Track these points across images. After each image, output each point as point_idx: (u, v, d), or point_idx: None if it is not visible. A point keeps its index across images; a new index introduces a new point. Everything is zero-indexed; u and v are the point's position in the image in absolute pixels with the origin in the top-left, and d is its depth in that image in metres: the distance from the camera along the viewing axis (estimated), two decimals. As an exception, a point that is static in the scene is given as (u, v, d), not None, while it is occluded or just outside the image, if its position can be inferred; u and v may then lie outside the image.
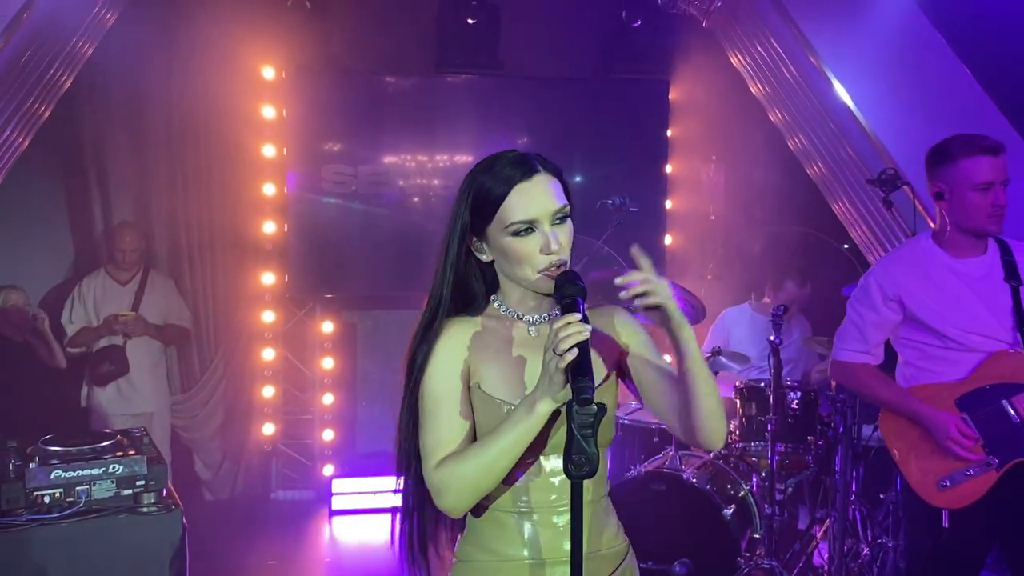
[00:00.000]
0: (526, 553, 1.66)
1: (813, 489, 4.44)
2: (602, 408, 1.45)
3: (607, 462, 1.78)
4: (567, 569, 1.54)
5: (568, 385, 1.48)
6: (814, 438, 4.07)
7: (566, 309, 1.52)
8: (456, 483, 1.59)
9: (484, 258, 1.72)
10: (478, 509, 1.70)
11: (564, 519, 1.66)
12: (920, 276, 2.81)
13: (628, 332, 1.78)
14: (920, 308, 2.78)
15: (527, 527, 1.67)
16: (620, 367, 1.78)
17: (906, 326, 2.86)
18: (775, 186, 5.63)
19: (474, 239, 1.72)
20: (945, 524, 2.73)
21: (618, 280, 1.53)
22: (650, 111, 5.94)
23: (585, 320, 1.50)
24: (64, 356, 4.73)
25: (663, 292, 1.54)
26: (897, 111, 4.38)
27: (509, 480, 1.65)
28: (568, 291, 1.56)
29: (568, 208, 1.67)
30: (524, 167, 1.65)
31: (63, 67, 4.58)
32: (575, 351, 1.45)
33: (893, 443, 2.87)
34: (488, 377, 1.66)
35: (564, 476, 1.48)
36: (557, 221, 1.64)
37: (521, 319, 1.73)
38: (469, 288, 1.76)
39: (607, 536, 1.73)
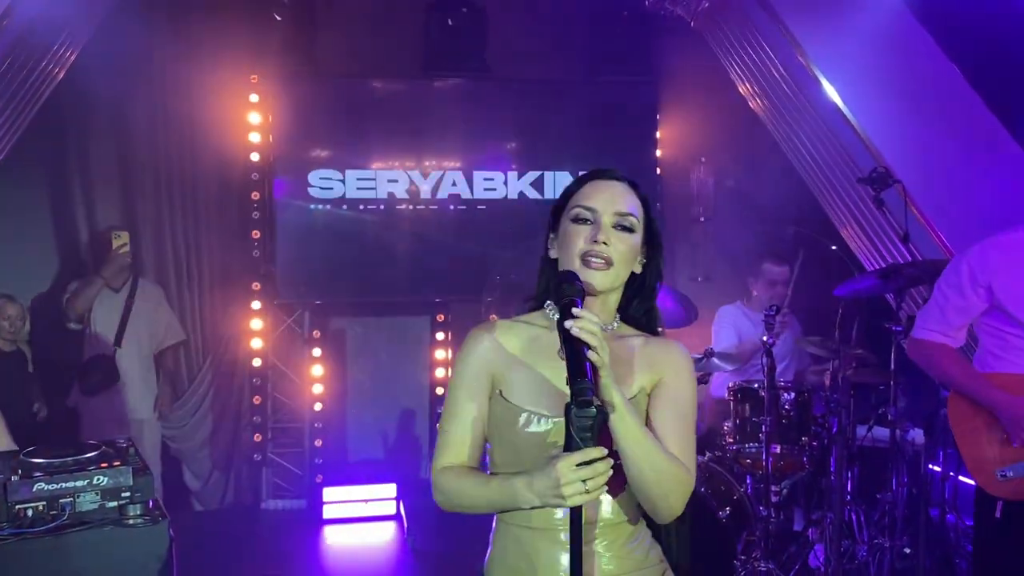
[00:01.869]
0: (535, 571, 1.65)
1: (808, 490, 4.43)
2: (601, 410, 1.42)
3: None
4: None
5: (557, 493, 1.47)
6: (808, 439, 4.05)
7: (564, 310, 1.50)
8: (448, 496, 1.71)
9: (552, 254, 1.75)
10: (497, 521, 1.74)
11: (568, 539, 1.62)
12: (1014, 265, 2.76)
13: (673, 372, 1.71)
14: (1008, 298, 2.75)
15: (538, 544, 1.66)
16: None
17: (991, 313, 2.83)
18: (765, 187, 5.62)
19: (551, 235, 1.77)
20: (997, 515, 2.72)
21: (574, 310, 1.49)
22: (639, 113, 5.92)
23: (570, 319, 1.48)
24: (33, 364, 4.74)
25: (600, 347, 1.47)
26: (887, 110, 4.38)
27: None
28: (567, 291, 1.55)
29: (634, 219, 1.68)
30: (606, 172, 1.74)
31: (43, 75, 4.53)
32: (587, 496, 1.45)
33: (956, 426, 2.85)
34: (514, 384, 1.67)
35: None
36: (619, 227, 1.67)
37: None
38: (537, 284, 1.80)
39: (633, 561, 1.69)
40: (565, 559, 1.60)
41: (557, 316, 1.57)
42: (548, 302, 1.75)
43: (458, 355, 1.75)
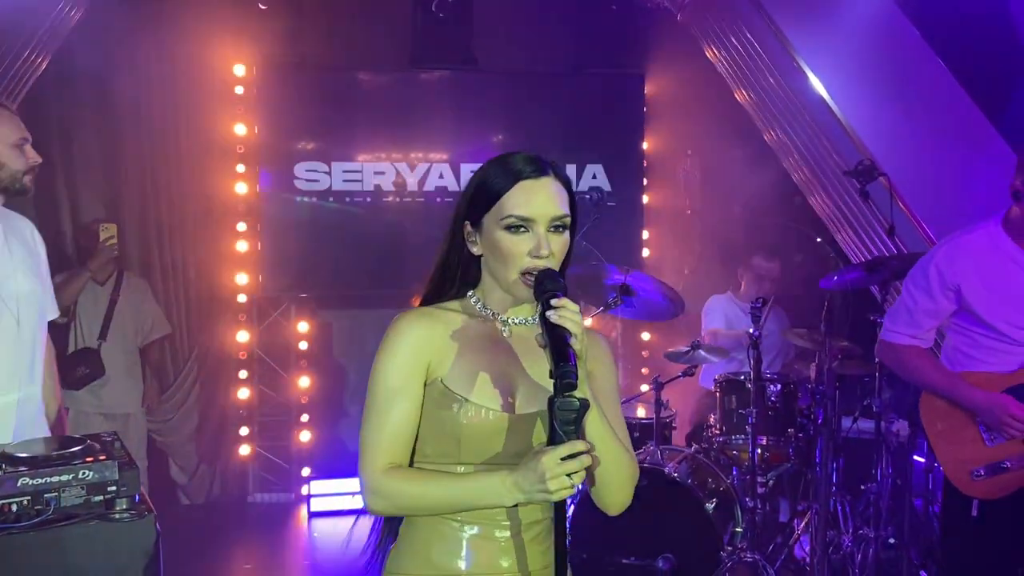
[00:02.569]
0: (463, 567, 1.61)
1: (794, 482, 4.45)
2: (584, 402, 1.41)
3: None
4: None
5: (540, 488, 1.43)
6: (794, 430, 4.07)
7: (546, 304, 1.48)
8: (395, 500, 1.59)
9: (475, 250, 1.67)
10: (414, 517, 1.65)
11: (506, 534, 1.61)
12: (983, 267, 2.74)
13: (602, 364, 1.70)
14: (977, 301, 2.73)
15: (466, 539, 1.61)
16: None
17: (959, 314, 2.81)
18: (751, 180, 5.63)
19: (469, 228, 1.67)
20: (974, 513, 2.71)
21: (553, 301, 1.46)
22: (626, 106, 5.93)
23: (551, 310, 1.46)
24: None
25: (581, 336, 1.46)
26: (872, 103, 4.39)
27: None
28: (548, 286, 1.52)
29: (568, 219, 1.62)
30: (534, 165, 1.62)
31: (26, 65, 4.48)
32: (563, 493, 1.42)
33: (930, 426, 2.85)
34: (454, 373, 1.61)
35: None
36: (553, 228, 1.60)
37: (496, 317, 1.68)
38: (449, 274, 1.72)
39: (547, 559, 1.64)
40: (505, 558, 1.60)
41: (522, 317, 1.64)
42: (472, 292, 1.71)
43: (386, 342, 1.63)
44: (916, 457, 4.21)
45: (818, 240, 4.75)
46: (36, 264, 2.67)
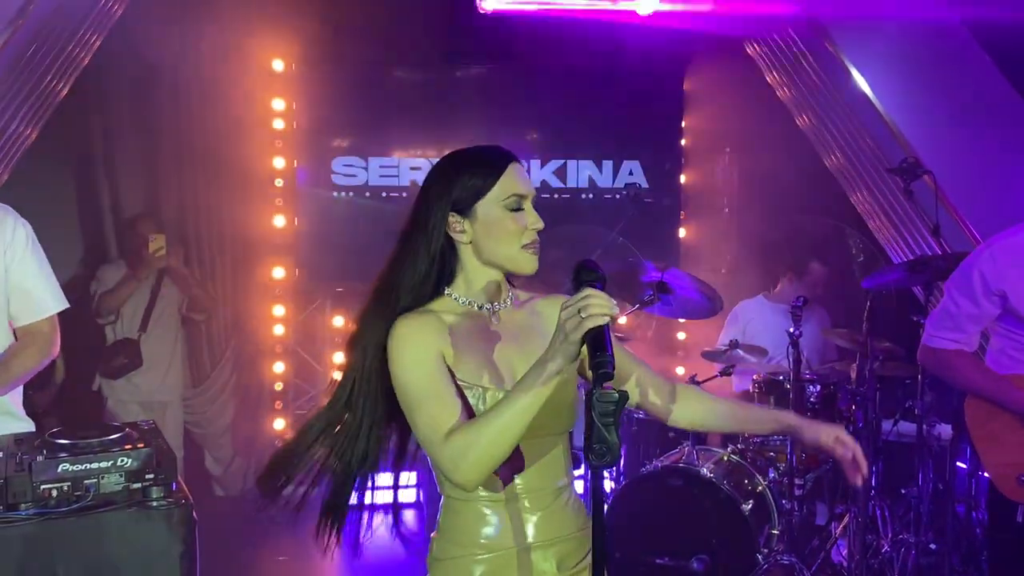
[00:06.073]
0: (501, 541, 1.69)
1: (832, 484, 4.38)
2: (623, 395, 1.40)
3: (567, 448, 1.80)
4: (538, 555, 1.68)
5: (579, 348, 1.46)
6: (833, 432, 3.99)
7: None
8: (472, 452, 1.52)
9: (463, 239, 1.72)
10: (448, 501, 1.78)
11: (528, 504, 1.70)
12: None
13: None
14: (1022, 304, 2.67)
15: (500, 515, 1.70)
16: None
17: (1004, 317, 2.75)
18: (790, 177, 5.55)
19: (457, 218, 1.73)
20: (1019, 519, 2.67)
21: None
22: (663, 102, 5.88)
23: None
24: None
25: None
26: (917, 100, 4.31)
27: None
28: (586, 277, 1.53)
29: None
30: (509, 153, 1.77)
31: (70, 60, 4.54)
32: (599, 319, 1.43)
33: (975, 430, 2.79)
34: (458, 366, 1.66)
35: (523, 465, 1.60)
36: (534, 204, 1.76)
37: (480, 308, 1.74)
38: (424, 274, 1.75)
39: (581, 519, 1.77)
40: (530, 527, 1.69)
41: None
42: (448, 290, 1.75)
43: (406, 343, 1.64)
44: (959, 463, 4.13)
45: (859, 240, 4.67)
46: None
